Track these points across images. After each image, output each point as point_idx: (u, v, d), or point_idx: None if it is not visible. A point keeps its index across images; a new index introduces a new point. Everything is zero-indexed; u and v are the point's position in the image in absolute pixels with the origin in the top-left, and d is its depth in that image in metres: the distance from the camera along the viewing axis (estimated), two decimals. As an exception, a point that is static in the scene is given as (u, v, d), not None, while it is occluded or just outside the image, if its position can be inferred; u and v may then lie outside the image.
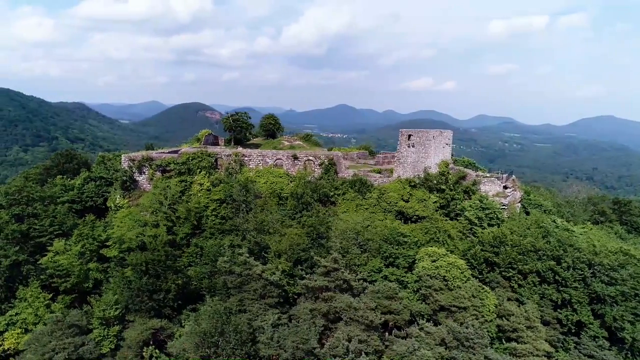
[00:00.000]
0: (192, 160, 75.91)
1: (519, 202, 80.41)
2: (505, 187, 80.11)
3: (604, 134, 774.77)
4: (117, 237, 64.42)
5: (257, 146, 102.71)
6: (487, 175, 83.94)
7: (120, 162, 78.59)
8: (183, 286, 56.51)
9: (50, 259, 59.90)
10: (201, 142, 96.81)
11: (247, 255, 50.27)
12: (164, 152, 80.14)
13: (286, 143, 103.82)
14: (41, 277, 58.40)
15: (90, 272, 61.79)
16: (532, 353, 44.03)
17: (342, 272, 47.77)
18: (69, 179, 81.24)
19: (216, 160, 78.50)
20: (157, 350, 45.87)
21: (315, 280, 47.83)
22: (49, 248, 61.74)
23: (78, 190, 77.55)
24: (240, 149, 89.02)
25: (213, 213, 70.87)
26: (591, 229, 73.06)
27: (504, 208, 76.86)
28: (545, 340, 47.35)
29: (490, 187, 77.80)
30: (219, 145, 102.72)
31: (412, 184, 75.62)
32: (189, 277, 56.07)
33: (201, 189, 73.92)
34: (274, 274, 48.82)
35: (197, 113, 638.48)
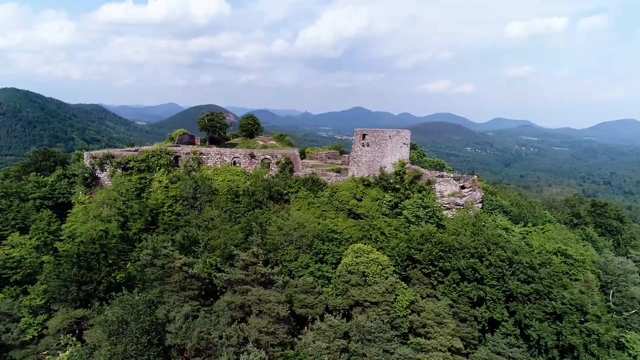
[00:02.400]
0: (151, 157, 77.99)
1: (480, 202, 79.95)
2: (462, 187, 79.85)
3: (625, 137, 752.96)
4: (69, 232, 67.16)
5: (233, 145, 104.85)
6: (450, 175, 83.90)
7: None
8: (127, 279, 58.48)
9: (3, 252, 62.74)
10: (175, 141, 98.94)
11: (172, 248, 51.83)
12: (125, 150, 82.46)
13: (260, 143, 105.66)
14: (-9, 268, 60.98)
15: (45, 264, 64.40)
16: (436, 348, 44.19)
17: (260, 267, 48.78)
18: (43, 177, 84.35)
19: (176, 158, 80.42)
20: (73, 338, 47.73)
21: (234, 274, 48.91)
22: (3, 242, 64.67)
23: (50, 187, 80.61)
24: (214, 147, 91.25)
25: (169, 209, 72.99)
26: (546, 230, 72.12)
27: (459, 207, 76.68)
28: (460, 337, 47.44)
29: (445, 187, 77.74)
30: (194, 144, 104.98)
31: (366, 183, 76.26)
32: (129, 271, 58.00)
33: (160, 186, 76.08)
34: (195, 266, 50.24)
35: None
